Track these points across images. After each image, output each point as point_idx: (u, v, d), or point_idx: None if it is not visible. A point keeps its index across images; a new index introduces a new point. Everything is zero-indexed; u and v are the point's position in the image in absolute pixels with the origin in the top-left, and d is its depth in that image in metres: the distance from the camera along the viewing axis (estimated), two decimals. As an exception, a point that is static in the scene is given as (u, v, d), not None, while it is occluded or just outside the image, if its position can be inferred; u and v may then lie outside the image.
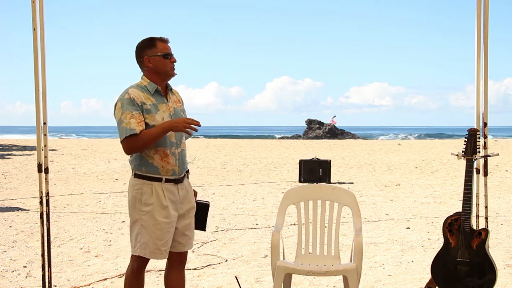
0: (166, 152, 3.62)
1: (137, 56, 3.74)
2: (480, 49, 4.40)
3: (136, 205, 3.61)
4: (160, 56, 3.66)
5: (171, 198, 3.64)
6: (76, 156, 22.38)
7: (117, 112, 3.57)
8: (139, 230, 3.61)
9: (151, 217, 3.58)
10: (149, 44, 3.69)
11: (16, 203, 10.27)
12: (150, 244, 3.59)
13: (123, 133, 3.50)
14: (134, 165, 3.64)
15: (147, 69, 3.69)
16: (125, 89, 3.66)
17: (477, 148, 4.18)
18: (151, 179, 3.60)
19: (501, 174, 15.05)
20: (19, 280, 5.36)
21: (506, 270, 5.56)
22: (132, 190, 3.63)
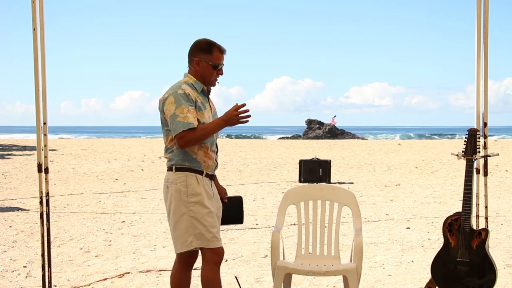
0: (208, 148, 3.68)
1: (190, 53, 3.76)
2: (480, 49, 4.40)
3: (181, 197, 3.59)
4: (210, 65, 3.69)
5: (211, 191, 3.70)
6: (76, 156, 22.38)
7: (169, 106, 3.58)
8: (189, 223, 3.57)
9: (202, 206, 3.59)
10: (207, 49, 3.72)
11: (16, 203, 10.27)
12: (205, 233, 3.57)
13: (180, 126, 3.51)
14: (176, 160, 3.64)
15: (194, 70, 3.73)
16: (173, 85, 3.69)
17: (477, 148, 4.18)
18: (194, 171, 3.62)
19: (501, 174, 15.04)
20: (19, 280, 5.36)
21: (506, 270, 5.56)
22: (175, 184, 3.61)
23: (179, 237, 3.62)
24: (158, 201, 10.63)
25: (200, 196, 3.60)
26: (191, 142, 3.55)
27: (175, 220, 3.62)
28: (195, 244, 3.58)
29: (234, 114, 3.56)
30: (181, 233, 3.60)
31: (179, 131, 3.52)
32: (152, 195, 11.43)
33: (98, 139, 45.63)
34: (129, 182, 13.98)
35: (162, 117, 3.69)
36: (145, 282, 5.30)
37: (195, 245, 3.58)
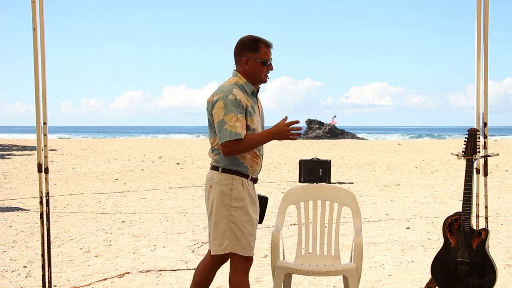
0: (256, 153, 3.64)
1: (237, 52, 3.67)
2: (480, 49, 4.40)
3: (224, 200, 3.54)
4: (259, 63, 3.60)
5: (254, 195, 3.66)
6: (76, 156, 22.38)
7: (218, 111, 3.49)
8: (228, 227, 3.54)
9: (244, 212, 3.55)
10: (253, 46, 3.61)
11: (16, 203, 10.27)
12: (242, 240, 3.54)
13: (227, 135, 3.44)
14: (223, 163, 3.58)
15: (242, 69, 3.64)
16: (223, 85, 3.60)
17: (477, 148, 4.18)
18: (241, 174, 3.57)
19: (501, 174, 15.04)
20: (19, 280, 5.36)
21: (506, 270, 5.56)
22: (220, 185, 3.56)
23: (216, 238, 3.60)
24: (158, 201, 10.63)
25: (244, 201, 3.55)
26: (236, 152, 3.49)
27: (215, 222, 3.60)
28: (229, 249, 3.55)
29: (285, 129, 3.48)
30: (219, 235, 3.58)
31: (225, 139, 3.45)
32: (152, 195, 11.43)
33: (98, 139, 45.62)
34: (129, 182, 13.98)
35: (210, 119, 3.61)
36: (145, 282, 5.30)
37: (229, 250, 3.55)
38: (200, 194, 11.65)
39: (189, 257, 6.26)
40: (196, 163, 19.77)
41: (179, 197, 11.22)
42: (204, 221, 8.49)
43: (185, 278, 5.41)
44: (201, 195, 11.41)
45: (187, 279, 5.39)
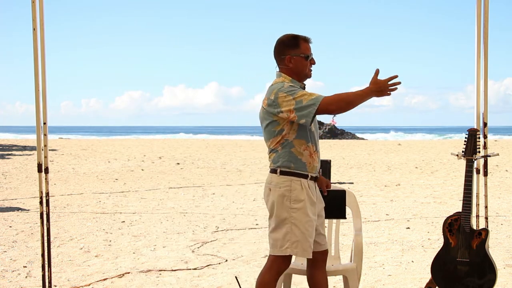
0: (313, 149, 3.62)
1: (278, 53, 3.67)
2: (480, 49, 4.40)
3: (284, 202, 3.52)
4: (302, 57, 3.61)
5: (314, 195, 3.64)
6: (76, 156, 22.38)
7: (285, 100, 3.46)
8: (289, 229, 3.51)
9: (304, 214, 3.52)
10: (293, 43, 3.63)
11: (16, 203, 10.27)
12: (303, 242, 3.52)
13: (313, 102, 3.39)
14: (281, 161, 3.56)
15: (286, 68, 3.64)
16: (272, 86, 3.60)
17: (477, 148, 4.18)
18: (299, 175, 3.55)
19: (501, 174, 15.04)
20: (19, 280, 5.36)
21: (506, 270, 5.56)
22: (279, 188, 3.54)
23: (276, 240, 3.57)
24: (158, 201, 10.64)
25: (303, 203, 3.53)
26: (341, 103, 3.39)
27: (276, 224, 3.57)
28: (289, 251, 3.53)
29: (386, 86, 3.40)
30: (279, 237, 3.55)
31: (317, 104, 3.38)
32: (152, 195, 11.43)
33: (98, 139, 45.63)
34: (129, 182, 13.98)
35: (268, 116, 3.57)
36: (145, 282, 5.30)
37: (289, 252, 3.53)
38: (199, 194, 11.65)
39: (189, 257, 6.26)
40: (196, 163, 19.76)
41: (179, 197, 11.22)
42: (204, 221, 8.50)
43: (185, 278, 5.41)
44: (200, 195, 11.42)
45: (187, 279, 5.39)
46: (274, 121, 3.54)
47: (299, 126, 3.52)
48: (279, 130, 3.54)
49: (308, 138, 3.57)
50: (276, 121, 3.54)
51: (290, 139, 3.53)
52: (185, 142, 35.93)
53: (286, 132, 3.53)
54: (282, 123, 3.52)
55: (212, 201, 10.60)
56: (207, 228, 7.91)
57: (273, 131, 3.56)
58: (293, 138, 3.53)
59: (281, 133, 3.54)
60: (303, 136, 3.55)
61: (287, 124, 3.52)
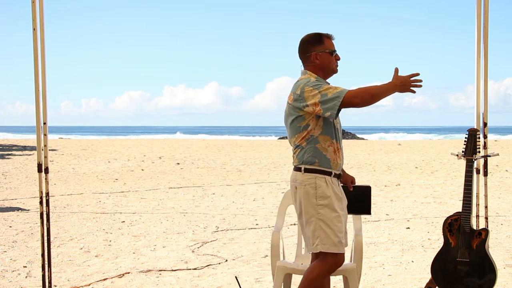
0: (337, 145, 3.64)
1: (303, 51, 3.72)
2: (480, 49, 4.40)
3: (310, 200, 3.55)
4: (327, 53, 3.67)
5: (340, 191, 3.66)
6: (76, 156, 22.38)
7: (311, 94, 3.49)
8: (316, 226, 3.54)
9: (331, 209, 3.54)
10: (317, 40, 3.69)
11: (16, 203, 10.27)
12: (332, 237, 3.53)
13: (338, 95, 3.44)
14: (305, 158, 3.58)
15: (312, 65, 3.69)
16: (297, 82, 3.64)
17: (477, 148, 4.18)
18: (323, 172, 3.57)
19: (501, 174, 15.05)
20: (19, 280, 5.36)
21: (506, 270, 5.56)
22: (304, 185, 3.57)
23: (308, 238, 3.61)
24: (158, 201, 10.64)
25: (330, 199, 3.55)
26: (365, 96, 3.45)
27: (305, 221, 3.60)
28: (319, 248, 3.54)
29: (409, 81, 3.48)
30: (309, 235, 3.58)
31: (341, 97, 3.43)
32: (152, 195, 11.43)
33: (98, 139, 45.64)
34: (129, 182, 13.98)
35: (294, 112, 3.60)
36: (145, 282, 5.30)
37: (319, 249, 3.54)
38: (199, 194, 11.66)
39: (189, 257, 6.26)
40: (196, 163, 19.77)
41: (179, 197, 11.23)
42: (204, 221, 8.50)
43: (185, 278, 5.41)
44: (200, 195, 11.42)
45: (187, 279, 5.40)
46: (300, 116, 3.58)
47: (325, 122, 3.56)
48: (304, 126, 3.58)
49: (333, 134, 3.61)
50: (301, 116, 3.57)
51: (316, 134, 3.57)
52: (185, 142, 35.94)
53: (312, 128, 3.56)
54: (308, 118, 3.56)
55: (212, 201, 10.60)
56: (207, 228, 7.91)
57: (298, 126, 3.60)
58: (318, 133, 3.57)
59: (306, 128, 3.58)
60: (328, 132, 3.59)
61: (313, 119, 3.55)
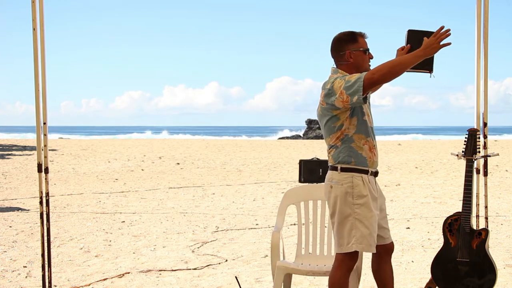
0: (373, 144, 3.65)
1: (337, 49, 3.70)
2: (480, 49, 4.39)
3: (347, 199, 3.54)
4: (361, 51, 3.66)
5: (375, 190, 3.67)
6: (76, 156, 22.38)
7: (338, 84, 3.49)
8: (353, 225, 3.53)
9: (367, 209, 3.54)
10: (351, 38, 3.67)
11: (16, 203, 10.28)
12: (368, 237, 3.53)
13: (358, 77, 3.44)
14: (341, 157, 3.59)
15: (346, 64, 3.67)
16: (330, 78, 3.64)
17: (477, 148, 4.18)
18: (360, 171, 3.58)
19: (501, 174, 15.05)
20: (19, 280, 5.36)
21: (506, 270, 5.56)
22: (341, 185, 3.56)
23: (341, 238, 3.58)
24: (158, 201, 10.64)
25: (366, 198, 3.55)
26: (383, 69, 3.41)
27: (339, 221, 3.58)
28: (355, 247, 3.53)
29: (433, 40, 3.44)
30: (344, 234, 3.55)
31: (362, 77, 3.42)
32: (152, 195, 11.43)
33: (98, 139, 45.64)
34: (129, 182, 13.98)
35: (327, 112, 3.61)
36: (145, 282, 5.30)
37: (355, 248, 3.54)
38: (199, 194, 11.65)
39: (189, 257, 6.26)
40: (196, 163, 19.76)
41: (179, 197, 11.23)
42: (204, 221, 8.50)
43: (185, 278, 5.41)
44: (200, 195, 11.42)
45: (187, 279, 5.39)
46: (334, 116, 3.58)
47: (358, 120, 3.57)
48: (338, 126, 3.58)
49: (367, 132, 3.62)
50: (335, 116, 3.57)
51: (350, 134, 3.58)
52: (185, 142, 35.94)
53: (346, 127, 3.57)
54: (342, 118, 3.56)
55: (212, 201, 10.60)
56: (207, 228, 7.91)
57: (332, 127, 3.60)
58: (352, 133, 3.58)
59: (340, 128, 3.58)
60: (362, 130, 3.60)
61: (347, 119, 3.56)
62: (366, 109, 3.64)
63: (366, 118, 3.62)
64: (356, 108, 3.56)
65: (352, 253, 3.56)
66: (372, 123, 3.70)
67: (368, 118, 3.64)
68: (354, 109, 3.55)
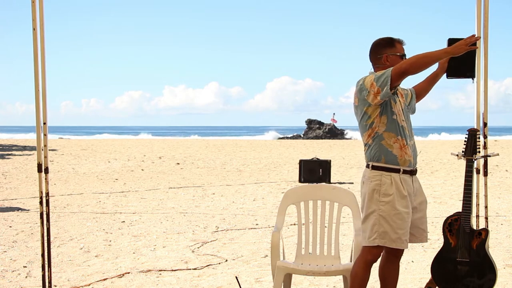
0: (404, 142, 3.74)
1: (375, 53, 3.87)
2: (480, 49, 4.39)
3: (374, 196, 3.70)
4: (398, 56, 3.81)
5: (408, 189, 3.75)
6: (76, 156, 22.38)
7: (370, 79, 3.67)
8: (376, 221, 3.68)
9: (392, 207, 3.67)
10: (389, 43, 3.84)
11: (16, 203, 10.28)
12: (391, 233, 3.67)
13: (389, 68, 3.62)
14: (372, 155, 3.75)
15: (383, 66, 3.81)
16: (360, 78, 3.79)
17: (477, 148, 4.17)
18: (390, 170, 3.71)
19: (501, 174, 15.05)
20: (19, 280, 5.36)
21: (506, 270, 5.56)
22: (370, 182, 3.73)
23: (365, 231, 3.75)
24: (158, 201, 10.64)
25: (391, 197, 3.67)
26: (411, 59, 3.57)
27: (365, 216, 3.75)
28: (377, 242, 3.69)
29: (462, 43, 3.66)
30: (367, 228, 3.73)
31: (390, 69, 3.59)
32: (152, 195, 11.43)
33: (98, 139, 45.64)
34: (129, 182, 13.98)
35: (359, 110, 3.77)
36: (145, 282, 5.30)
37: (377, 243, 3.70)
38: (199, 194, 11.66)
39: (189, 257, 6.26)
40: (196, 163, 19.76)
41: (179, 197, 11.23)
42: (204, 221, 8.51)
43: (185, 278, 5.41)
44: (200, 195, 11.43)
45: (187, 279, 5.39)
46: (365, 114, 3.74)
47: (388, 119, 3.70)
48: (370, 124, 3.74)
49: (398, 131, 3.73)
50: (366, 113, 3.73)
51: (380, 131, 3.72)
52: (185, 142, 35.94)
53: (376, 125, 3.72)
54: (373, 116, 3.71)
55: (212, 201, 10.60)
56: (207, 228, 7.91)
57: (365, 125, 3.77)
58: (382, 130, 3.72)
59: (371, 126, 3.73)
60: (392, 129, 3.72)
61: (377, 117, 3.70)
62: (397, 109, 3.75)
63: (396, 118, 3.73)
64: (386, 107, 3.70)
65: (374, 247, 3.71)
66: (406, 123, 3.80)
67: (399, 117, 3.74)
68: (383, 107, 3.69)
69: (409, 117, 3.89)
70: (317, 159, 14.15)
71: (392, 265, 3.94)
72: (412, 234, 3.83)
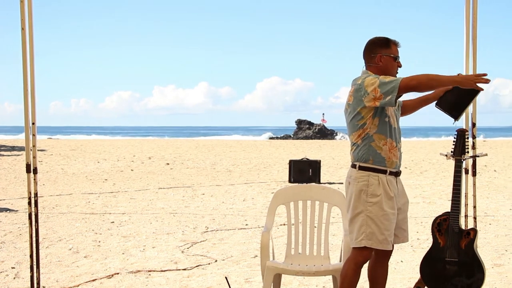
0: (393, 144, 3.73)
1: (369, 51, 3.83)
2: (468, 49, 4.42)
3: (361, 196, 3.67)
4: (392, 57, 3.78)
5: (394, 190, 3.74)
6: (65, 157, 22.27)
7: (371, 81, 3.61)
8: (364, 222, 3.66)
9: (379, 208, 3.65)
10: (384, 43, 3.81)
11: (4, 204, 10.21)
12: (378, 234, 3.65)
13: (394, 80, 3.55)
14: (360, 155, 3.71)
15: (375, 66, 3.79)
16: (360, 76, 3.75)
17: (465, 148, 4.20)
18: (377, 170, 3.68)
19: (490, 174, 15.13)
20: (7, 282, 5.32)
21: (494, 270, 5.59)
22: (357, 182, 3.70)
23: (352, 232, 3.73)
24: (148, 201, 10.61)
25: (379, 197, 3.66)
26: (422, 78, 3.51)
27: (352, 217, 3.72)
28: (364, 243, 3.67)
29: (472, 77, 3.65)
30: (355, 229, 3.70)
31: (399, 81, 3.53)
32: (142, 196, 11.40)
33: (88, 139, 45.45)
34: (119, 182, 13.93)
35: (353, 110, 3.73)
36: (134, 282, 5.28)
37: (364, 244, 3.67)
38: (189, 194, 11.64)
39: (179, 257, 6.25)
40: (186, 163, 19.73)
41: (168, 197, 11.20)
42: (194, 221, 8.49)
43: (174, 279, 5.40)
44: (190, 196, 11.41)
45: (176, 279, 5.38)
46: (358, 114, 3.69)
47: (380, 121, 3.68)
48: (361, 124, 3.70)
49: (388, 133, 3.71)
50: (359, 113, 3.69)
51: (371, 133, 3.69)
52: (175, 142, 35.87)
53: (368, 126, 3.68)
54: (366, 117, 3.67)
55: (202, 202, 10.59)
56: (197, 229, 7.90)
57: (355, 124, 3.72)
58: (373, 132, 3.69)
59: (363, 127, 3.70)
60: (383, 131, 3.70)
61: (370, 118, 3.67)
62: (390, 112, 3.74)
63: (388, 120, 3.72)
64: (381, 109, 3.68)
65: (362, 248, 3.69)
66: (396, 125, 3.79)
67: (391, 120, 3.74)
68: (377, 109, 3.67)
69: (399, 120, 3.89)
70: (307, 159, 14.17)
71: (381, 265, 3.94)
72: (395, 235, 3.82)
